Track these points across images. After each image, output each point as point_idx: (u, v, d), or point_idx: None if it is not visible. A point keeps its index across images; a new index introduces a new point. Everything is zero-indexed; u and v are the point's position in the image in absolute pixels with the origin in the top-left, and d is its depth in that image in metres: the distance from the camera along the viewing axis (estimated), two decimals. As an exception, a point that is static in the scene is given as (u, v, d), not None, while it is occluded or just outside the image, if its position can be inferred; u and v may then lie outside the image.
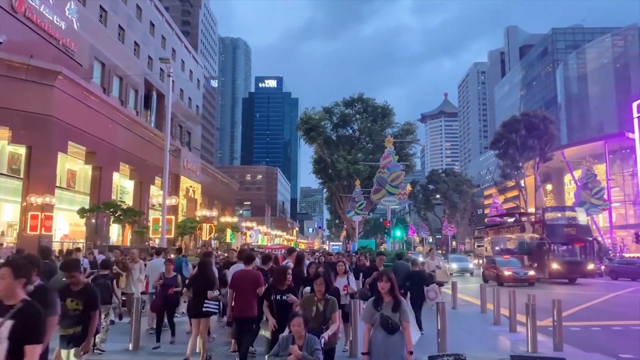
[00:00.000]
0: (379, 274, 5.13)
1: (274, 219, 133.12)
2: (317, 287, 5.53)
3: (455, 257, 37.05)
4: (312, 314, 5.32)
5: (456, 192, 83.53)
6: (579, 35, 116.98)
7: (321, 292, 5.51)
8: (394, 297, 4.79)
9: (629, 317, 13.67)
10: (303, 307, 5.45)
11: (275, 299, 6.04)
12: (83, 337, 5.15)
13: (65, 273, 5.51)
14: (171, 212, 32.46)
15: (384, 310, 4.73)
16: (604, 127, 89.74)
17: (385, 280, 4.82)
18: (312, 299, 5.57)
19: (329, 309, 5.44)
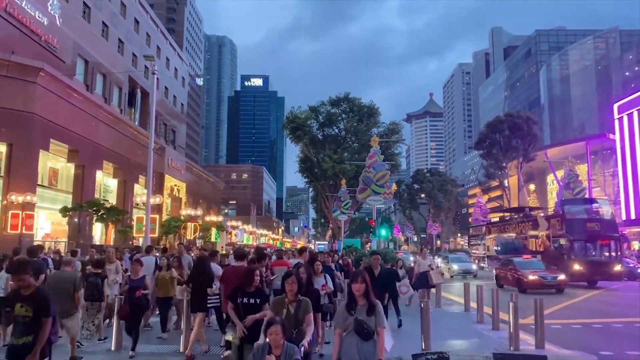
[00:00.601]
0: (353, 275, 4.64)
1: (259, 218, 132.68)
2: (288, 286, 5.03)
3: (456, 258, 33.35)
4: (283, 317, 4.82)
5: (441, 192, 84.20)
6: (562, 37, 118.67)
7: (293, 293, 5.00)
8: (369, 300, 4.42)
9: None
10: (272, 310, 5.01)
11: (242, 302, 5.60)
12: (32, 349, 4.53)
13: (13, 275, 5.28)
14: (155, 211, 32.22)
15: (358, 314, 4.35)
16: (585, 128, 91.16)
17: (359, 281, 4.44)
18: (282, 301, 5.05)
19: (301, 311, 4.93)
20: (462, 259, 33.00)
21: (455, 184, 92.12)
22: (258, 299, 5.62)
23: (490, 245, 35.38)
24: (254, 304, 5.59)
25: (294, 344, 4.41)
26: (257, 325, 5.11)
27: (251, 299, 5.62)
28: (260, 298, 5.65)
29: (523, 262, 22.41)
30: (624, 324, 12.39)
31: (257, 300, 5.61)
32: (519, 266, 21.67)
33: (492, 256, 32.97)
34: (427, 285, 13.66)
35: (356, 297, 4.41)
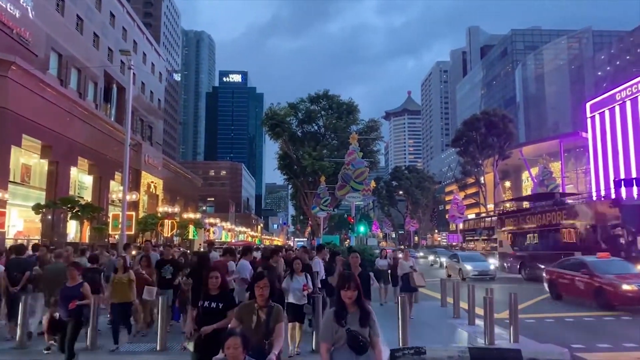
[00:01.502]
0: (343, 279, 3.86)
1: (238, 215, 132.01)
2: (258, 290, 4.34)
3: (468, 256, 28.07)
4: (252, 325, 4.23)
5: (418, 189, 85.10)
6: (537, 36, 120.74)
7: (264, 298, 4.33)
8: (361, 306, 3.79)
9: None
10: (239, 317, 4.33)
11: (203, 306, 4.97)
12: None
13: None
14: (132, 208, 31.83)
15: (350, 324, 3.72)
16: (559, 126, 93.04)
17: (352, 288, 3.76)
18: (251, 307, 4.37)
19: (272, 319, 4.25)
20: (476, 257, 27.86)
21: (432, 181, 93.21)
22: (221, 303, 4.95)
23: (505, 240, 29.69)
24: (216, 309, 4.92)
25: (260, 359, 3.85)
26: (219, 335, 4.38)
27: (212, 303, 4.95)
28: (224, 302, 4.97)
29: (601, 262, 15.43)
30: (595, 317, 12.74)
31: (220, 305, 4.93)
32: (596, 269, 14.86)
33: (508, 253, 28.51)
34: (410, 288, 12.55)
35: (347, 305, 3.78)
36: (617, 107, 50.75)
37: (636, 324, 11.90)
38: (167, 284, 9.64)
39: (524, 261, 26.43)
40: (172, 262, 9.98)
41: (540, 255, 24.64)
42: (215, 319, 4.84)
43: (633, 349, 8.91)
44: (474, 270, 24.75)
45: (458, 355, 8.05)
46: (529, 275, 25.09)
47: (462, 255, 28.27)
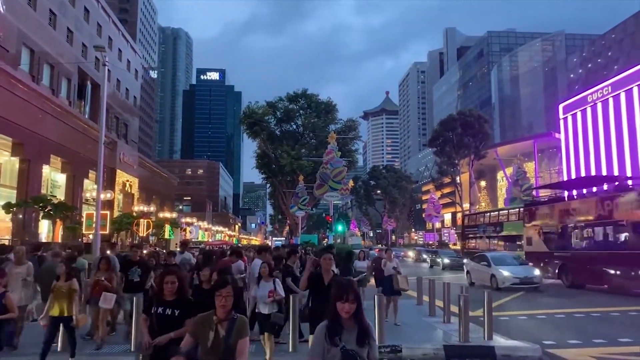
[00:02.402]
0: (339, 288, 3.23)
1: (215, 214, 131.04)
2: (220, 301, 3.61)
3: (499, 258, 21.71)
4: (208, 343, 3.58)
5: (396, 188, 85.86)
6: (512, 39, 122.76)
7: (226, 310, 3.62)
8: (360, 322, 3.21)
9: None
10: (194, 332, 3.69)
11: (157, 313, 4.41)
12: None
13: None
14: (106, 207, 31.28)
15: (346, 342, 3.15)
16: (533, 127, 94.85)
17: (350, 300, 3.14)
18: (208, 320, 3.66)
19: (235, 334, 3.57)
20: (508, 259, 21.57)
21: (410, 181, 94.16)
22: (177, 310, 4.38)
23: (535, 237, 25.00)
24: (171, 316, 4.36)
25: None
26: (174, 345, 3.98)
27: (167, 309, 4.39)
28: (181, 309, 4.38)
29: None
30: (566, 315, 13.05)
31: (175, 312, 4.37)
32: None
33: (541, 254, 23.65)
34: (392, 291, 11.59)
35: (342, 319, 3.19)
36: (588, 108, 51.96)
37: (605, 321, 12.25)
38: (136, 287, 9.02)
39: (565, 263, 21.63)
40: (140, 264, 9.37)
41: (594, 256, 19.62)
42: (171, 328, 4.28)
43: (602, 345, 9.16)
44: (513, 276, 19.24)
45: (433, 353, 8.20)
46: (573, 281, 20.70)
47: (493, 257, 21.59)
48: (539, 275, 19.98)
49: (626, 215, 18.39)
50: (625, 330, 10.79)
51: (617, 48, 75.48)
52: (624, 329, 10.90)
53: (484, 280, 20.34)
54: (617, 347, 8.98)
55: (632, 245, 17.69)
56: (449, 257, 35.55)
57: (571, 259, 21.39)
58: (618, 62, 70.64)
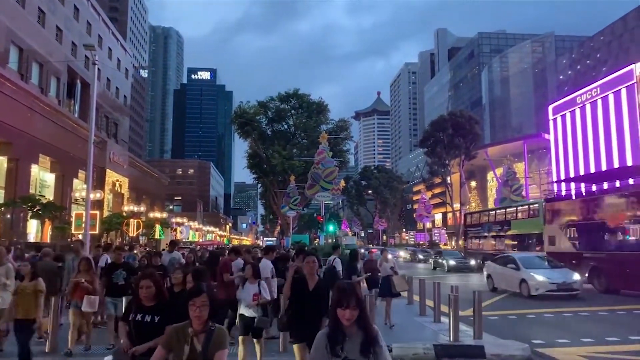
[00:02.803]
0: (340, 293, 2.90)
1: (206, 214, 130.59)
2: (194, 311, 3.20)
3: (528, 259, 18.58)
4: (183, 358, 3.24)
5: (387, 188, 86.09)
6: (502, 40, 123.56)
7: (201, 321, 3.21)
8: (365, 329, 2.92)
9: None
10: (168, 345, 3.31)
11: (135, 320, 4.05)
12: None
13: None
14: (96, 207, 31.09)
15: (349, 352, 2.86)
16: (523, 127, 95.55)
17: (352, 306, 2.85)
18: (184, 332, 3.27)
19: (212, 347, 3.21)
20: (539, 261, 18.50)
21: (401, 181, 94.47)
22: (157, 316, 4.00)
23: (559, 235, 22.65)
24: (150, 323, 3.98)
25: None
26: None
27: (146, 316, 4.03)
28: (161, 315, 3.98)
29: None
30: (554, 314, 13.16)
31: (155, 319, 3.99)
32: None
33: (565, 253, 21.01)
34: (390, 293, 11.05)
35: (344, 327, 2.89)
36: (577, 110, 52.42)
37: (593, 320, 12.37)
38: (121, 290, 8.61)
39: (598, 266, 19.17)
40: (125, 266, 9.01)
41: (634, 258, 17.37)
42: (151, 336, 3.86)
43: (590, 344, 9.25)
44: (549, 282, 16.31)
45: (423, 352, 8.23)
46: (607, 286, 18.37)
47: (522, 259, 18.32)
48: (579, 280, 17.05)
49: None
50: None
51: (606, 50, 76.28)
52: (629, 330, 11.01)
53: (511, 286, 17.57)
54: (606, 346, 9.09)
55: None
56: (455, 258, 33.00)
57: (606, 260, 18.81)
58: (606, 63, 71.40)
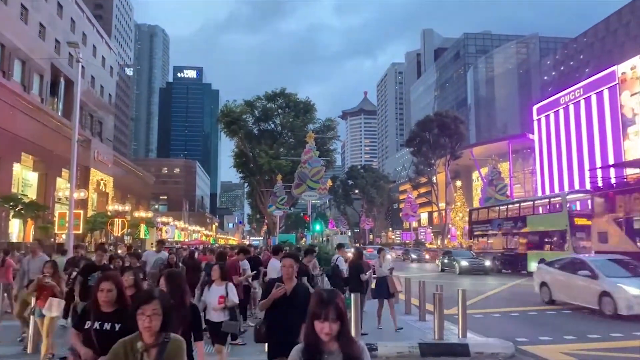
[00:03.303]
0: (318, 303, 2.47)
1: (192, 214, 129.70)
2: (144, 321, 2.73)
3: (607, 265, 13.74)
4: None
5: (374, 188, 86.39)
6: (487, 40, 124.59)
7: (152, 332, 2.74)
8: (347, 344, 2.47)
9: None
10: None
11: (93, 329, 3.52)
12: None
13: None
14: (80, 207, 30.72)
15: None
16: (508, 128, 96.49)
17: (332, 318, 2.41)
18: (132, 346, 2.78)
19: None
20: (619, 267, 13.78)
21: (387, 180, 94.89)
22: (117, 324, 3.51)
23: (615, 231, 19.89)
24: (110, 331, 3.47)
25: None
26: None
27: (105, 324, 3.53)
28: (122, 323, 3.45)
29: None
30: (538, 312, 13.32)
31: (116, 326, 3.50)
32: None
33: (627, 253, 16.77)
34: (387, 294, 10.62)
35: (322, 342, 2.46)
36: (561, 110, 53.15)
37: (575, 318, 12.55)
38: None
39: None
40: (103, 269, 8.38)
41: None
42: (110, 347, 3.22)
43: (572, 341, 9.39)
44: None
45: (408, 351, 8.29)
46: None
47: (599, 263, 13.68)
48: None
49: None
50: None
51: (589, 52, 77.35)
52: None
53: (585, 300, 13.21)
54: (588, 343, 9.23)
55: None
56: (467, 259, 28.92)
57: None
58: (589, 65, 72.37)
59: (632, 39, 63.57)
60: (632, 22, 65.94)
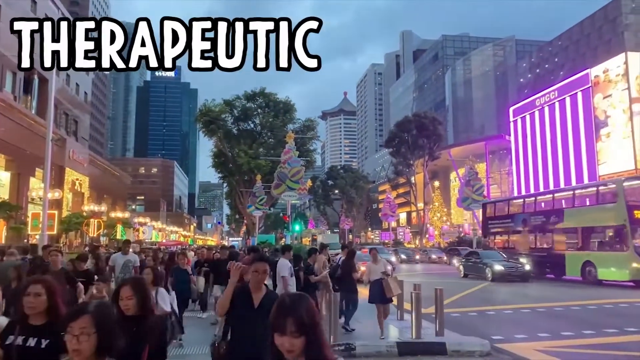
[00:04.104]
0: (276, 312, 1.99)
1: (169, 214, 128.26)
2: (70, 341, 2.21)
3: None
4: None
5: (353, 188, 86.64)
6: (465, 43, 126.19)
7: (81, 356, 2.20)
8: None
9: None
10: None
11: (15, 345, 2.83)
12: None
13: None
14: (54, 207, 30.13)
15: None
16: (485, 129, 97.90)
17: (292, 332, 1.92)
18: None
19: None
20: None
21: (366, 181, 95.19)
22: (45, 339, 2.82)
23: None
24: (35, 348, 2.80)
25: None
26: None
27: (31, 338, 2.83)
28: (51, 338, 2.77)
29: None
30: (513, 310, 13.56)
31: (43, 343, 2.81)
32: None
33: None
34: (383, 298, 9.73)
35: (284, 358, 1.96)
36: (536, 112, 54.17)
37: (549, 315, 12.82)
38: None
39: None
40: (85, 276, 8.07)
41: None
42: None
43: (546, 339, 9.59)
44: None
45: (386, 350, 8.35)
46: None
47: None
48: None
49: None
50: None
51: (563, 55, 78.99)
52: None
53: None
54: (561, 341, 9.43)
55: None
56: (500, 262, 23.20)
57: None
58: (564, 68, 73.94)
59: (604, 42, 65.20)
60: (604, 26, 67.61)
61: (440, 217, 66.81)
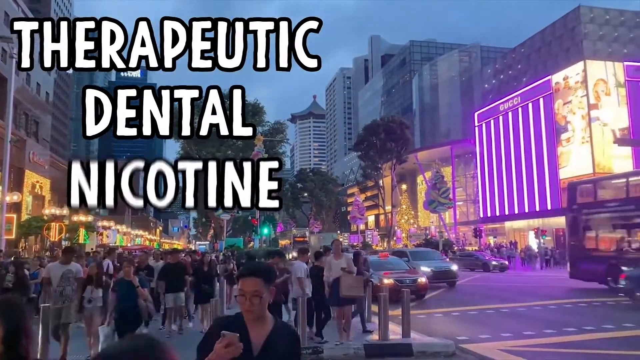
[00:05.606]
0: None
1: (134, 217, 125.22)
2: None
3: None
4: None
5: (322, 191, 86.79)
6: (432, 48, 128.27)
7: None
8: None
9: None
10: None
11: None
12: None
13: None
14: (12, 210, 29.11)
15: None
16: (451, 133, 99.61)
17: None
18: None
19: None
20: None
21: (335, 184, 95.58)
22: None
23: None
24: None
25: None
26: None
27: None
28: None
29: None
30: (478, 311, 13.84)
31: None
32: None
33: None
34: (338, 300, 8.81)
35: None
36: (500, 117, 55.55)
37: (512, 315, 13.14)
38: None
39: None
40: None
41: None
42: None
43: (509, 338, 9.82)
44: None
45: (354, 352, 8.39)
46: None
47: None
48: None
49: None
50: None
51: (526, 62, 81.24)
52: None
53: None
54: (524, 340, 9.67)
55: None
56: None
57: None
58: (526, 74, 76.00)
59: (564, 50, 67.36)
60: (564, 35, 69.88)
61: (408, 219, 67.61)
